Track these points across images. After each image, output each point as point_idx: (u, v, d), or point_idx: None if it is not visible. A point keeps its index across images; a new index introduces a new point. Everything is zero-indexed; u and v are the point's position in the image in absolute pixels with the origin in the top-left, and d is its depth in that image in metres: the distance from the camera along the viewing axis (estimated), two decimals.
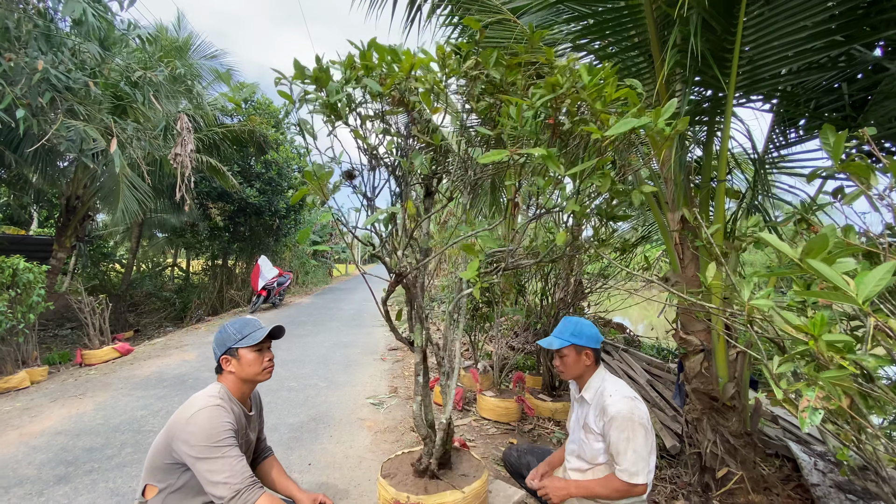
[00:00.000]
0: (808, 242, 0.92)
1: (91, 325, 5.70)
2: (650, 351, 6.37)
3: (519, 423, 3.70)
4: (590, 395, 1.85)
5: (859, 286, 0.84)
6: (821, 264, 0.86)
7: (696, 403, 2.61)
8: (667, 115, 1.35)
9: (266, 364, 1.68)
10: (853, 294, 0.82)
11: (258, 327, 1.70)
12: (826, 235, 0.92)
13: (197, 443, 1.43)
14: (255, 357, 1.64)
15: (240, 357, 1.63)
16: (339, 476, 2.78)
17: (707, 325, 2.55)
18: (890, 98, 2.37)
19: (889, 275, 0.83)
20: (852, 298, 0.82)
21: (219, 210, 11.52)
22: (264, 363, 1.67)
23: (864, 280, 0.83)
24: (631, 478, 1.63)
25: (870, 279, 0.83)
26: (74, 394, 4.18)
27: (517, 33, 2.94)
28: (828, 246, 0.90)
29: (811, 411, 0.83)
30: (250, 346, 1.63)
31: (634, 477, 1.63)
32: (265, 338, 1.67)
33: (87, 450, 3.01)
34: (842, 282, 0.84)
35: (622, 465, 1.65)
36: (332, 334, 7.52)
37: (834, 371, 0.86)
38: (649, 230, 4.71)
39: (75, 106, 5.18)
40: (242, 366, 1.63)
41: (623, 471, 1.65)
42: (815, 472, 2.67)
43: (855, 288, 0.84)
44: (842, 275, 0.85)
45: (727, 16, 2.08)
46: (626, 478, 1.64)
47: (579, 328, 1.89)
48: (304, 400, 4.17)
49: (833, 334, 0.99)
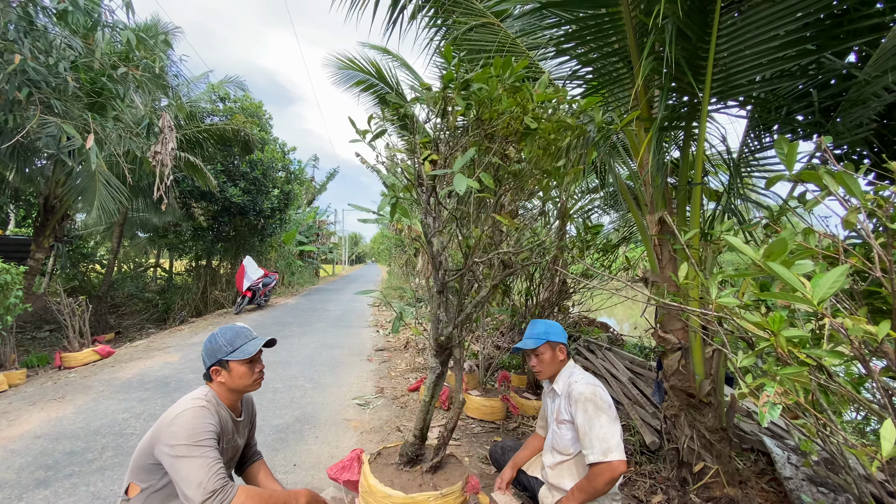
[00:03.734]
0: (768, 246, 0.97)
1: (70, 327, 5.58)
2: (633, 350, 6.48)
3: (504, 421, 3.75)
4: (560, 387, 1.95)
5: (815, 288, 0.89)
6: (779, 266, 0.91)
7: (675, 400, 2.68)
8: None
9: (256, 375, 1.67)
10: (809, 295, 0.88)
11: (250, 338, 1.67)
12: (785, 240, 0.97)
13: (177, 442, 1.43)
14: (246, 370, 1.63)
15: (230, 369, 1.61)
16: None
17: (684, 323, 2.63)
18: (857, 105, 2.47)
19: (842, 278, 0.88)
20: (807, 300, 0.88)
21: (202, 210, 11.37)
22: (255, 375, 1.66)
23: (818, 282, 0.88)
24: (606, 455, 1.65)
25: (824, 281, 0.88)
26: (54, 397, 4.10)
27: (501, 37, 2.99)
28: (787, 249, 0.95)
29: (770, 406, 0.88)
30: (241, 360, 1.61)
31: (609, 454, 1.65)
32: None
33: (67, 453, 2.96)
34: (798, 284, 0.89)
35: (593, 448, 1.67)
36: (318, 335, 7.48)
37: (792, 367, 0.92)
38: (630, 231, 4.80)
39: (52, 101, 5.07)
40: (233, 378, 1.62)
41: (595, 453, 1.66)
42: (789, 465, 2.77)
43: (811, 290, 0.89)
44: (799, 276, 0.90)
45: (702, 25, 2.15)
46: (600, 457, 1.65)
47: (549, 327, 2.01)
48: (289, 401, 4.15)
49: (791, 330, 1.05)
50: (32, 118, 4.78)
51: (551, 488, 1.92)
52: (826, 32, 2.19)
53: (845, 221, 1.09)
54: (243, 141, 9.90)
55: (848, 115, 2.51)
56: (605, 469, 1.65)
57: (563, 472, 1.86)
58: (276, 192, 12.51)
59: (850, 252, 1.24)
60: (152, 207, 10.59)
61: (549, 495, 1.92)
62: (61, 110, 5.25)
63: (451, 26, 3.04)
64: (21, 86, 4.65)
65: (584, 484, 1.71)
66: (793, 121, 2.73)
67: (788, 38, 2.16)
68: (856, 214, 1.07)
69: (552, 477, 1.90)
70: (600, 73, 2.76)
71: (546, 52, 3.09)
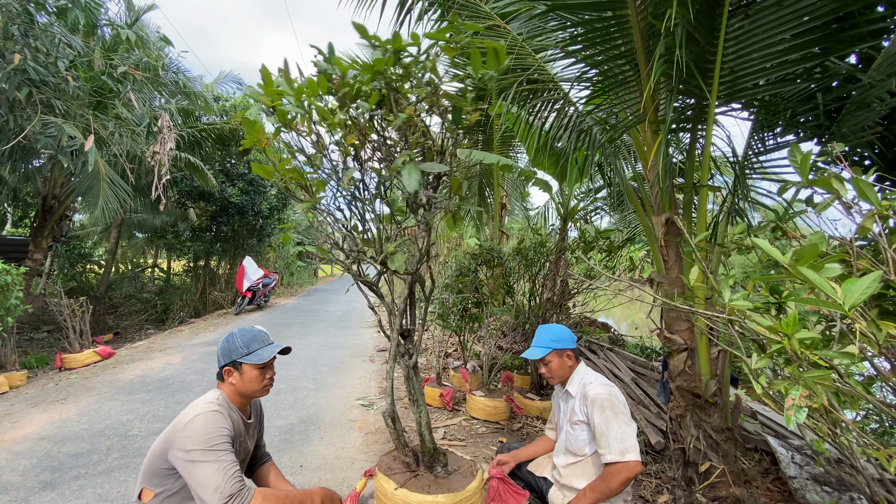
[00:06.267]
0: (797, 250, 0.98)
1: (71, 328, 5.55)
2: (634, 350, 6.51)
3: (508, 422, 3.76)
4: (574, 388, 1.97)
5: (846, 294, 0.90)
6: (811, 272, 0.92)
7: (680, 400, 2.70)
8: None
9: (266, 382, 1.67)
10: (840, 301, 0.89)
11: (266, 343, 1.68)
12: (816, 245, 0.98)
13: (192, 447, 1.43)
14: (258, 375, 1.63)
15: (243, 372, 1.62)
16: (332, 477, 2.79)
17: (690, 324, 2.64)
18: (862, 108, 2.49)
19: (875, 284, 0.89)
20: (839, 305, 0.89)
21: (200, 210, 11.33)
22: (265, 381, 1.67)
23: (850, 288, 0.89)
24: (623, 455, 1.68)
25: (857, 287, 0.89)
26: (56, 399, 4.08)
27: (508, 39, 3.00)
28: (817, 253, 0.97)
29: (796, 409, 0.89)
30: (255, 364, 1.62)
31: (626, 454, 1.68)
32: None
33: (72, 455, 2.96)
34: (830, 290, 0.90)
35: (611, 448, 1.69)
36: (319, 336, 7.48)
37: (817, 371, 0.93)
38: (634, 231, 4.82)
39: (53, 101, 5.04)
40: (244, 380, 1.63)
41: (612, 452, 1.69)
42: (793, 465, 2.79)
43: (842, 295, 0.90)
44: (829, 281, 0.91)
45: (710, 28, 2.17)
46: (618, 457, 1.68)
47: (556, 333, 2.01)
48: (293, 402, 4.15)
49: (804, 332, 1.06)
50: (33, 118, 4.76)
51: (562, 488, 1.93)
52: (831, 36, 2.21)
53: (861, 227, 1.10)
54: (241, 139, 9.88)
55: (852, 119, 2.53)
56: (622, 468, 1.67)
57: (577, 472, 1.88)
58: (274, 192, 12.48)
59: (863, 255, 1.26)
60: (151, 207, 10.55)
61: (560, 496, 1.93)
62: (62, 110, 5.23)
63: (457, 28, 3.04)
64: (21, 85, 4.63)
65: (598, 483, 1.72)
66: (797, 123, 2.75)
67: (793, 42, 2.18)
68: (871, 220, 1.08)
69: (564, 478, 1.91)
70: (607, 75, 2.77)
71: (553, 55, 3.10)
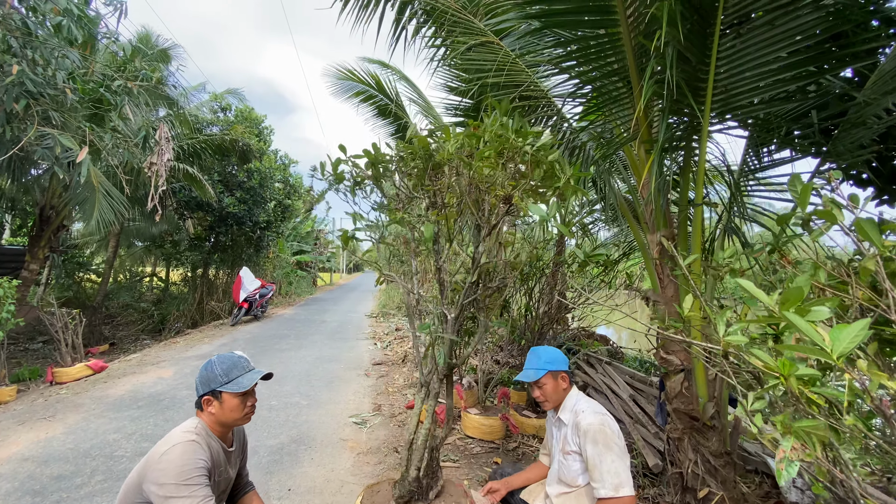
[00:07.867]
0: (784, 292, 0.94)
1: (63, 341, 5.50)
2: (633, 363, 6.42)
3: (503, 440, 3.68)
4: (566, 416, 1.91)
5: (834, 342, 0.85)
6: (796, 317, 0.88)
7: (678, 423, 2.63)
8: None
9: (247, 410, 1.62)
10: (828, 349, 0.84)
11: (247, 370, 1.63)
12: (801, 287, 0.94)
13: (166, 481, 1.38)
14: (238, 403, 1.58)
15: (223, 400, 1.57)
16: (320, 502, 2.72)
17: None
18: (857, 126, 2.46)
19: (864, 331, 0.84)
20: (827, 354, 0.84)
21: (199, 220, 11.32)
22: (246, 409, 1.62)
23: (839, 336, 0.85)
24: (617, 490, 1.63)
25: (845, 335, 0.85)
26: (44, 416, 4.01)
27: (501, 56, 2.98)
28: (802, 297, 0.92)
29: (787, 463, 0.84)
30: (235, 392, 1.57)
31: (620, 489, 1.63)
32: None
33: (55, 478, 2.89)
34: (818, 337, 0.85)
35: (604, 482, 1.65)
36: (315, 348, 7.40)
37: (809, 421, 0.88)
38: (630, 246, 4.78)
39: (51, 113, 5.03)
40: (224, 409, 1.58)
41: (606, 487, 1.64)
42: (794, 489, 2.72)
43: (830, 343, 0.86)
44: (816, 328, 0.87)
45: (701, 48, 2.14)
46: (612, 493, 1.63)
47: (549, 354, 1.98)
48: (284, 420, 4.08)
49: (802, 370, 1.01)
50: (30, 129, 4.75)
51: None
52: (825, 55, 2.19)
53: (862, 268, 1.06)
54: (241, 151, 9.89)
55: (848, 136, 2.50)
56: None
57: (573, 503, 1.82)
58: (273, 203, 12.49)
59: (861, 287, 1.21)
60: (149, 217, 10.53)
61: None
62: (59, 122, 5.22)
63: (452, 45, 3.04)
64: (19, 97, 4.62)
65: None
66: (792, 141, 2.72)
67: (786, 61, 2.15)
68: (874, 261, 1.04)
69: None
70: (600, 91, 2.75)
71: (547, 70, 3.08)
